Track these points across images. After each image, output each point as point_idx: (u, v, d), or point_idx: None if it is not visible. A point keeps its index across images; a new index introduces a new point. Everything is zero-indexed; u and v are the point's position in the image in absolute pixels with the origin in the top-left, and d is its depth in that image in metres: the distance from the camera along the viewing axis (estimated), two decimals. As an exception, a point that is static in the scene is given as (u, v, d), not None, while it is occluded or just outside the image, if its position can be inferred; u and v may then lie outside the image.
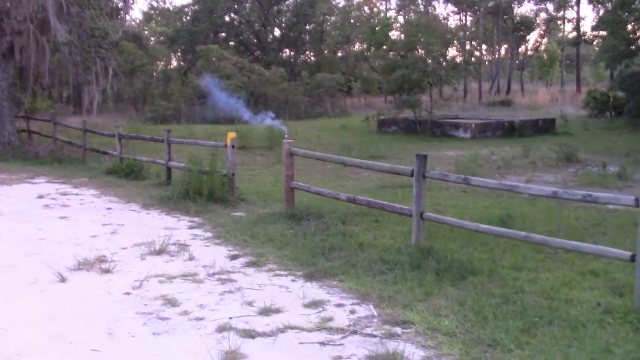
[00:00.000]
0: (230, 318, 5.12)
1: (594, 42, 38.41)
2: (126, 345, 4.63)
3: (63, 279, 6.18)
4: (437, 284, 5.93)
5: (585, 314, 5.17)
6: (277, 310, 5.31)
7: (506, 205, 9.81)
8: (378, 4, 63.57)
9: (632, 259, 5.27)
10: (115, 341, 4.71)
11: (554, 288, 5.85)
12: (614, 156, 17.20)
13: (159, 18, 66.65)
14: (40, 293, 5.83)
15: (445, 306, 5.36)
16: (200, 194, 10.25)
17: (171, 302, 5.54)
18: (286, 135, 15.07)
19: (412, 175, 7.18)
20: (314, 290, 5.88)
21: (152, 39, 59.12)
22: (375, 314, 5.24)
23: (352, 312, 5.31)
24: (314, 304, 5.48)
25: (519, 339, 4.63)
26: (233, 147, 10.76)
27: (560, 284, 5.97)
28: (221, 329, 4.90)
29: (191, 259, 7.02)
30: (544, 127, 25.63)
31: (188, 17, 55.25)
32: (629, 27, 28.73)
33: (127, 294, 5.81)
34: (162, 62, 57.08)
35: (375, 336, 4.77)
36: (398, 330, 4.89)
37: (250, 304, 5.50)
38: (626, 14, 28.00)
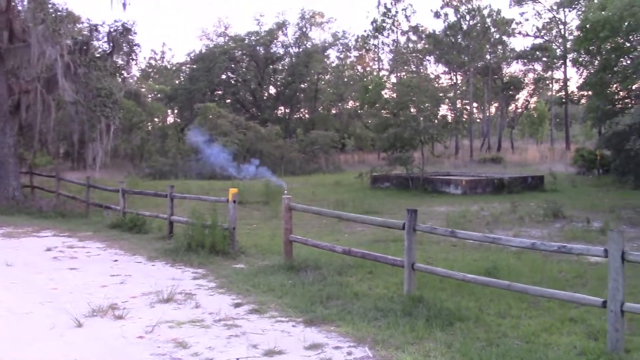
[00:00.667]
0: (238, 359, 5.58)
1: (581, 102, 39.65)
2: (144, 382, 5.10)
3: (80, 325, 6.64)
4: (427, 329, 6.43)
5: (562, 356, 5.67)
6: (280, 352, 5.79)
7: (493, 258, 10.32)
8: (371, 64, 65.34)
9: (604, 305, 5.81)
10: (134, 378, 5.17)
11: (534, 333, 6.36)
12: (599, 212, 17.82)
13: (157, 76, 68.12)
14: (60, 337, 6.28)
15: (434, 348, 5.85)
16: (203, 247, 10.77)
17: (182, 345, 6.01)
18: (285, 191, 15.66)
19: (403, 229, 7.74)
20: (313, 335, 6.35)
21: (150, 96, 60.38)
22: (371, 355, 5.72)
23: (349, 353, 5.79)
24: (314, 347, 5.96)
25: (501, 377, 5.12)
26: (234, 202, 11.34)
27: (540, 330, 6.48)
28: (230, 368, 5.37)
29: (197, 306, 7.50)
30: (533, 184, 26.36)
31: (185, 75, 56.59)
32: (612, 88, 29.86)
33: (141, 337, 6.28)
34: (158, 119, 58.18)
35: (370, 374, 5.25)
36: (391, 369, 5.37)
37: (255, 346, 5.97)
38: (609, 75, 29.18)
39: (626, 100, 29.72)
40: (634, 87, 28.33)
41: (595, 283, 8.62)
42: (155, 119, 57.53)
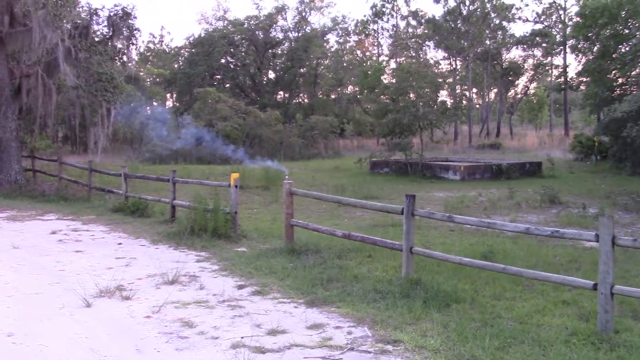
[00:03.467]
0: (242, 337, 5.82)
1: (580, 88, 39.76)
2: (154, 359, 5.32)
3: (89, 305, 6.87)
4: (424, 310, 6.66)
5: (553, 335, 5.90)
6: (283, 331, 6.02)
7: (490, 243, 10.56)
8: (370, 49, 65.31)
9: (594, 287, 6.04)
10: (144, 355, 5.40)
11: (528, 314, 6.59)
12: (595, 198, 18.06)
13: (155, 60, 68.08)
14: (70, 316, 6.51)
15: (431, 328, 6.08)
16: (205, 231, 11.00)
17: (188, 324, 6.23)
18: (286, 176, 15.88)
19: (402, 214, 7.95)
20: (314, 315, 6.58)
21: (149, 80, 60.43)
22: (370, 334, 5.95)
23: (349, 333, 6.01)
24: (315, 327, 6.19)
25: (494, 355, 5.35)
26: (236, 187, 11.54)
27: (534, 311, 6.71)
28: (235, 346, 5.59)
29: (202, 288, 7.72)
30: (531, 170, 26.57)
31: (184, 59, 56.57)
32: (611, 75, 29.98)
33: (148, 317, 6.50)
34: (157, 103, 58.23)
35: (369, 352, 5.47)
36: (390, 347, 5.60)
37: (258, 326, 6.20)
38: (608, 62, 29.30)
39: (624, 87, 29.83)
40: (632, 74, 28.45)
41: (588, 267, 8.84)
42: (154, 103, 57.66)
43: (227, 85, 54.57)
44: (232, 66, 55.36)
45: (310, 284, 7.74)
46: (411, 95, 29.62)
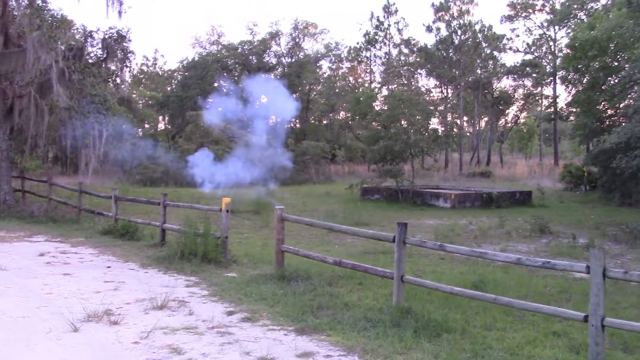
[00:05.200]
0: (231, 365, 5.76)
1: (570, 118, 40.17)
2: (141, 386, 5.25)
3: (76, 329, 6.78)
4: (415, 339, 6.62)
5: (544, 367, 5.88)
6: (273, 359, 5.96)
7: (480, 272, 10.54)
8: (363, 75, 65.75)
9: (585, 319, 6.03)
10: (131, 382, 5.32)
11: (519, 346, 6.57)
12: (584, 229, 18.12)
13: (148, 82, 68.21)
14: (57, 341, 6.42)
15: (422, 358, 6.04)
16: (195, 255, 10.94)
17: (177, 351, 6.16)
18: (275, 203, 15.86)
19: (393, 241, 7.94)
20: (304, 343, 6.53)
21: (141, 102, 60.50)
22: (360, 364, 5.91)
23: (340, 362, 5.97)
24: (305, 355, 6.13)
25: (485, 387, 5.32)
26: (227, 211, 11.51)
27: (525, 342, 6.68)
28: (224, 374, 5.53)
29: (191, 313, 7.65)
30: (521, 199, 26.68)
31: (177, 82, 56.73)
32: (600, 106, 30.31)
33: (136, 342, 6.43)
34: (149, 125, 58.31)
35: (360, 382, 5.43)
36: (380, 377, 5.56)
37: (248, 353, 6.13)
38: (597, 93, 29.64)
39: (613, 118, 30.17)
40: (621, 106, 28.78)
41: (578, 298, 8.84)
42: (146, 125, 57.68)
43: (220, 109, 54.64)
44: (225, 90, 55.51)
45: (300, 311, 7.69)
46: (403, 122, 29.77)
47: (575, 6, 46.58)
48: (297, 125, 58.23)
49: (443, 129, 34.78)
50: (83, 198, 17.93)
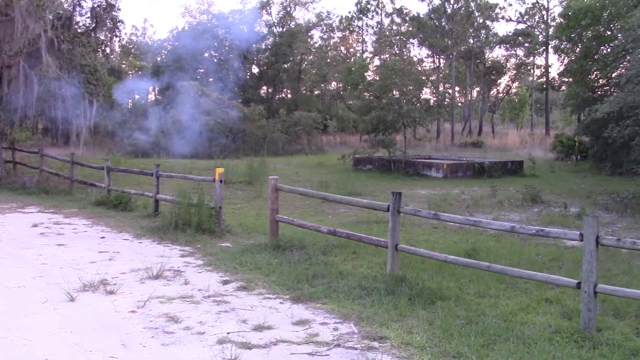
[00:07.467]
0: (228, 333, 5.81)
1: (562, 88, 40.11)
2: (140, 354, 5.29)
3: (72, 299, 6.81)
4: (409, 307, 6.69)
5: (537, 333, 5.96)
6: (269, 327, 6.01)
7: (473, 240, 10.65)
8: (355, 45, 65.32)
9: (578, 286, 6.11)
10: (130, 350, 5.36)
11: (512, 312, 6.66)
12: (576, 198, 18.24)
13: (138, 52, 67.48)
14: (54, 310, 6.45)
15: (416, 325, 6.11)
16: (189, 225, 10.96)
17: (174, 320, 6.21)
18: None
19: (388, 211, 7.98)
20: (300, 311, 6.59)
21: (131, 72, 59.91)
22: (356, 331, 5.97)
23: (335, 329, 6.03)
24: (301, 323, 6.19)
25: (480, 352, 5.39)
26: (221, 182, 11.50)
27: (517, 309, 6.77)
28: (221, 341, 5.58)
29: (187, 283, 7.69)
30: (513, 169, 26.77)
31: (168, 52, 56.20)
32: (592, 75, 30.26)
33: (133, 312, 6.47)
34: (139, 96, 57.71)
35: (356, 349, 5.49)
36: (376, 344, 5.62)
37: (244, 321, 6.19)
38: (590, 63, 29.57)
39: (605, 88, 30.10)
40: (613, 75, 28.69)
41: (570, 265, 8.94)
42: (136, 96, 57.16)
43: (211, 79, 54.28)
44: (215, 60, 55.06)
45: (295, 280, 7.75)
46: (395, 92, 29.65)
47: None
48: (289, 96, 58.00)
49: (435, 99, 34.52)
50: (75, 169, 17.84)
